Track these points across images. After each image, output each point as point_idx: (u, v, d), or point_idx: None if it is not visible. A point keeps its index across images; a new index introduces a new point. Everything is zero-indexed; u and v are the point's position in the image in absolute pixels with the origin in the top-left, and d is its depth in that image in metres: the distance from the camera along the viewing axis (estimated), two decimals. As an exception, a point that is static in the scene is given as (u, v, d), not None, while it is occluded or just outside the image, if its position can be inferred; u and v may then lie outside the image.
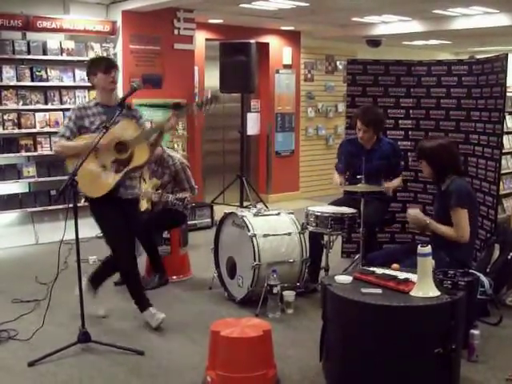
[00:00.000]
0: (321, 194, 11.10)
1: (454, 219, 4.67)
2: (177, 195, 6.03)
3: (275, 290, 5.07)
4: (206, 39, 9.76)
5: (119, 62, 8.18)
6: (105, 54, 8.04)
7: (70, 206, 4.34)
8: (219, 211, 7.41)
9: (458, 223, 4.67)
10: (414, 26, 9.96)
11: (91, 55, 7.91)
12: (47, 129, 7.65)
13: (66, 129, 4.70)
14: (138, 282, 5.06)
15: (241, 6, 8.52)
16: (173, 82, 8.64)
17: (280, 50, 10.84)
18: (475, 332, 4.26)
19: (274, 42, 10.73)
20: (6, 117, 7.39)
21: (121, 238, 4.86)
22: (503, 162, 6.35)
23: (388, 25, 10.22)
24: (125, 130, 4.72)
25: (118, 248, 4.87)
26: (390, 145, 6.08)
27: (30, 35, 7.59)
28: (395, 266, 4.29)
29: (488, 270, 5.42)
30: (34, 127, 7.57)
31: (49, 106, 7.69)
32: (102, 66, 4.79)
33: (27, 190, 7.74)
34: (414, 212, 4.97)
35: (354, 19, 9.85)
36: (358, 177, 5.48)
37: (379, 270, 4.18)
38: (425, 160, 4.89)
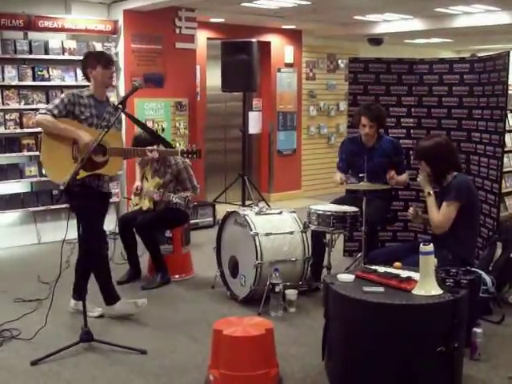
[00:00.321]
0: (323, 192, 11.09)
1: (444, 209, 4.66)
2: (179, 194, 6.03)
3: (277, 289, 5.07)
4: (208, 38, 9.76)
5: (121, 62, 8.20)
6: (106, 54, 8.05)
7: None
8: (221, 210, 7.41)
9: (445, 213, 4.66)
10: (416, 24, 9.96)
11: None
12: (49, 128, 7.64)
13: (55, 107, 4.67)
14: (109, 272, 5.09)
15: (242, 4, 8.52)
16: (174, 82, 8.64)
17: (282, 49, 10.83)
18: (478, 330, 4.26)
19: (275, 41, 10.72)
20: (7, 116, 7.39)
21: (101, 228, 4.94)
22: (505, 160, 6.34)
23: (390, 23, 10.21)
24: (111, 136, 4.71)
25: (98, 238, 4.88)
26: (391, 142, 6.09)
27: (32, 35, 7.59)
28: (397, 264, 4.29)
29: (490, 268, 5.41)
30: (36, 127, 7.54)
31: (51, 106, 7.68)
32: (102, 61, 4.84)
33: (29, 190, 7.74)
34: (424, 176, 4.93)
35: (356, 18, 9.85)
36: (360, 175, 5.48)
37: (381, 269, 4.19)
38: (424, 160, 4.90)
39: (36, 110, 7.48)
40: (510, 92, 6.26)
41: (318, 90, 11.69)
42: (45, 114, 4.64)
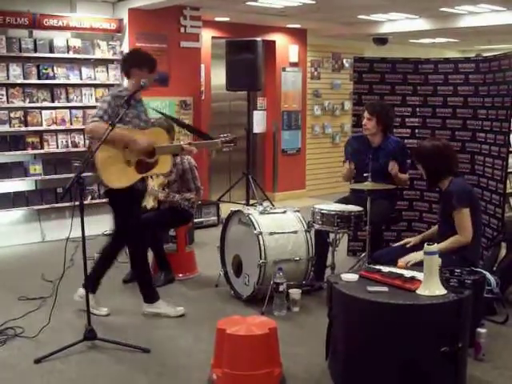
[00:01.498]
0: (327, 192, 11.09)
1: (457, 220, 4.66)
2: (183, 195, 6.01)
3: (281, 288, 5.07)
4: (213, 37, 9.76)
5: (126, 60, 8.20)
6: (111, 52, 8.05)
7: (77, 203, 4.36)
8: (225, 209, 7.41)
9: (460, 224, 4.66)
10: (421, 23, 9.95)
11: (98, 53, 7.93)
12: (54, 126, 7.65)
13: (105, 112, 4.70)
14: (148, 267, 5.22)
15: (247, 3, 8.51)
16: (179, 80, 8.64)
17: (286, 48, 10.83)
18: (482, 330, 4.25)
19: (280, 40, 10.72)
20: (12, 114, 7.40)
21: (139, 225, 5.04)
22: (510, 160, 6.32)
23: (395, 23, 10.20)
24: (158, 136, 4.94)
25: (137, 234, 5.02)
26: (397, 143, 6.05)
27: (37, 33, 7.60)
28: (401, 264, 4.29)
29: (494, 268, 5.40)
30: (41, 125, 7.58)
31: (55, 104, 7.69)
32: (150, 65, 4.94)
33: (34, 188, 7.75)
34: (407, 259, 4.64)
35: (361, 17, 9.84)
36: (365, 175, 5.47)
37: (385, 268, 4.18)
38: (418, 162, 4.91)
39: (41, 108, 7.54)
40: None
41: (322, 90, 11.69)
42: (97, 121, 4.67)
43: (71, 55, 7.79)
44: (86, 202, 4.52)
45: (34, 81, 7.55)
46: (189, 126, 5.96)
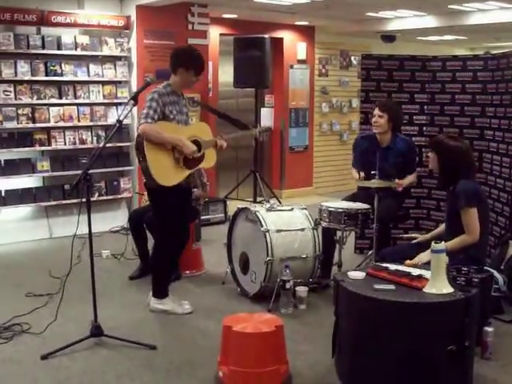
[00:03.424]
0: (334, 189, 11.08)
1: (465, 220, 4.62)
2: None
3: (288, 286, 5.07)
4: (220, 34, 9.75)
5: (133, 57, 8.22)
6: (119, 49, 8.06)
7: (84, 200, 4.36)
8: (232, 206, 7.40)
9: (468, 224, 4.61)
10: (429, 21, 9.91)
11: (105, 50, 7.95)
12: (61, 123, 7.67)
13: (155, 112, 4.74)
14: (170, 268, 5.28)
15: (255, 0, 8.50)
16: (186, 77, 8.62)
17: (294, 45, 10.81)
18: (489, 329, 4.24)
19: (288, 37, 10.70)
20: (20, 111, 7.42)
21: (179, 223, 5.06)
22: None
23: (403, 20, 10.17)
24: (202, 130, 5.04)
25: (174, 231, 5.03)
26: (405, 142, 6.02)
27: (45, 30, 7.61)
28: (408, 262, 4.27)
29: (502, 266, 5.38)
30: (49, 122, 7.59)
31: (63, 101, 7.71)
32: (197, 67, 4.98)
33: (41, 185, 7.77)
34: (415, 262, 4.55)
35: (369, 14, 9.82)
36: (372, 172, 5.46)
37: (392, 266, 4.16)
38: (436, 153, 4.83)
39: (48, 105, 7.56)
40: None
41: (330, 87, 11.66)
42: (150, 123, 4.69)
43: (79, 52, 7.80)
44: (93, 199, 4.52)
45: (42, 77, 7.56)
46: (228, 116, 6.02)
